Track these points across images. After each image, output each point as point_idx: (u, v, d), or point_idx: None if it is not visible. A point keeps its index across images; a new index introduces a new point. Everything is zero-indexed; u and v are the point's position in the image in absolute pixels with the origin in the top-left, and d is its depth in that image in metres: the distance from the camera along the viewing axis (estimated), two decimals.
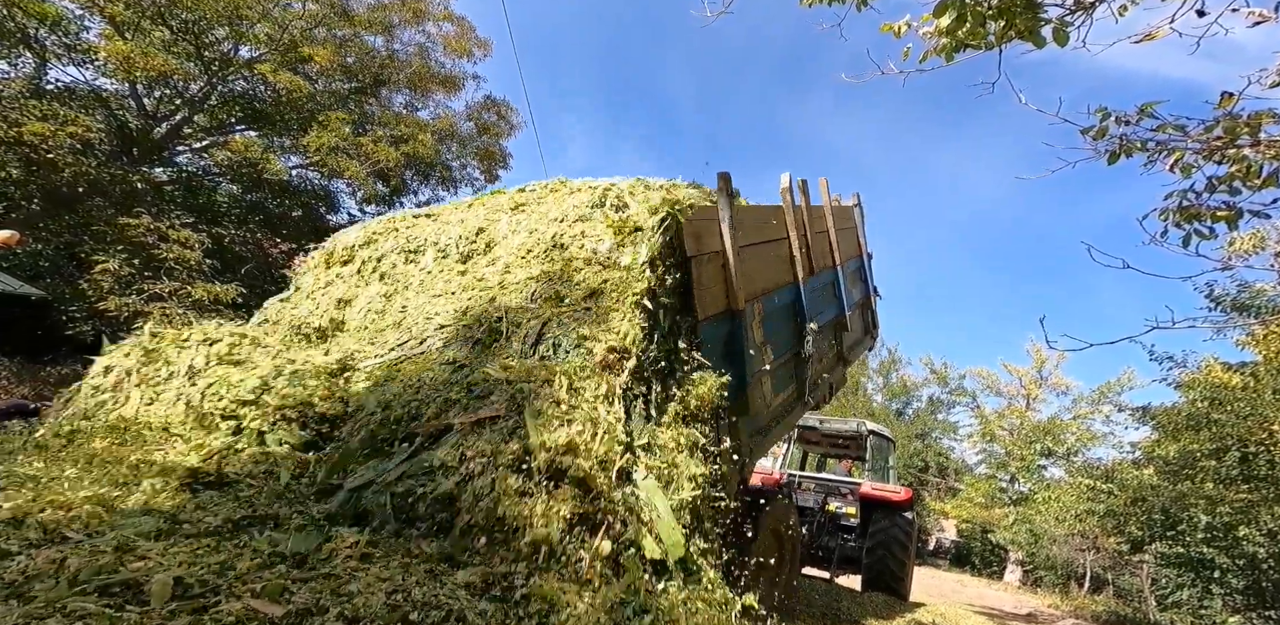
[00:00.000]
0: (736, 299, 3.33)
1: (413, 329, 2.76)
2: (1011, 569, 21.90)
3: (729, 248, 3.26)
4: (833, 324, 5.10)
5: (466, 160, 18.13)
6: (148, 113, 12.24)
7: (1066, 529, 14.73)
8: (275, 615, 1.06)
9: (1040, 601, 15.20)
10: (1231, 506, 7.20)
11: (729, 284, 3.31)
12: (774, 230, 4.03)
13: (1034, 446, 19.42)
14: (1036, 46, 3.86)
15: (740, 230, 3.35)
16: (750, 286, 3.52)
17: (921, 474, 30.56)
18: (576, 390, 2.07)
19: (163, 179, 12.39)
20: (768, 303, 3.85)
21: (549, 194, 3.93)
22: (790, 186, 4.23)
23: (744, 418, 3.40)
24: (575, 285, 2.77)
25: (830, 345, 5.18)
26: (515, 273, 3.05)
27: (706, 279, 3.15)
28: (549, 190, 4.01)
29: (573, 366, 2.16)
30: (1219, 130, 3.73)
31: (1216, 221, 3.85)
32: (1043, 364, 26.46)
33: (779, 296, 4.05)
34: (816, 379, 4.73)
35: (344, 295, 3.52)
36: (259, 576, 1.21)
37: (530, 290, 2.80)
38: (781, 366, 4.10)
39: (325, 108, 13.88)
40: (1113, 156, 4.15)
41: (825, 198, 5.04)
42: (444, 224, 3.86)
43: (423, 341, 2.57)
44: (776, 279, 4.04)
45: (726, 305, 3.33)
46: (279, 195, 13.59)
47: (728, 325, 3.34)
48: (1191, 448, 8.33)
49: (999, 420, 26.66)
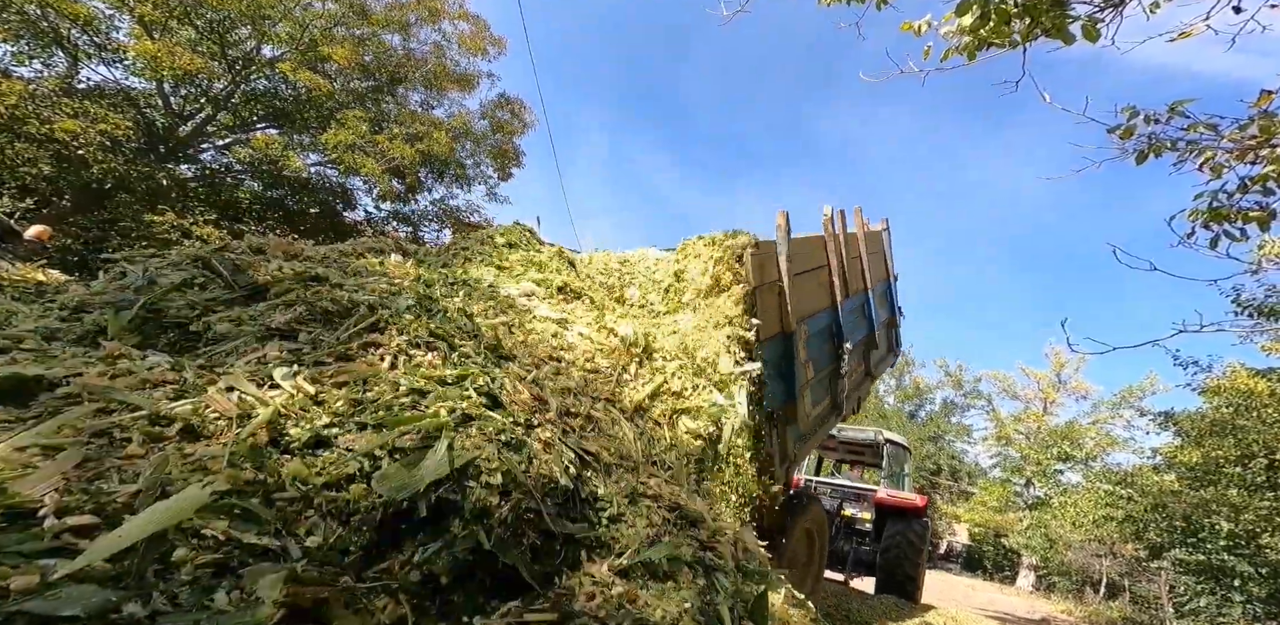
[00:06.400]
0: (789, 322, 3.80)
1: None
2: (1024, 574, 21.64)
3: (785, 277, 3.73)
4: (863, 342, 5.50)
5: (480, 158, 18.24)
6: (174, 111, 12.48)
7: (1083, 534, 14.51)
8: None
9: (1053, 607, 14.99)
10: (1256, 514, 7.05)
11: (783, 309, 3.78)
12: (817, 259, 4.50)
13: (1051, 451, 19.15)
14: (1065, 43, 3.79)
15: (792, 261, 3.83)
16: (799, 310, 3.98)
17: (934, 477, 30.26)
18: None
19: (187, 176, 12.63)
20: (812, 324, 4.32)
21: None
22: (831, 218, 4.77)
23: (791, 426, 3.85)
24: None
25: (860, 362, 5.55)
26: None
27: (766, 305, 3.61)
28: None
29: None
30: (1254, 129, 3.65)
31: (1248, 222, 3.76)
32: (1062, 368, 26.10)
33: (821, 318, 4.54)
34: (848, 393, 5.15)
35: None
36: None
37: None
38: (820, 381, 4.56)
39: (343, 106, 14.05)
40: (1141, 156, 4.07)
41: (859, 225, 5.43)
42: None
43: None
44: (818, 303, 4.51)
45: (781, 328, 3.79)
46: (298, 192, 13.80)
47: (781, 345, 3.80)
48: (1215, 454, 8.16)
49: (1015, 424, 26.30)
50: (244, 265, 1.58)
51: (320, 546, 0.94)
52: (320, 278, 1.71)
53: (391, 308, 1.72)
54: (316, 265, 1.82)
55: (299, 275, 1.67)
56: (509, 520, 1.39)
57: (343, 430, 1.17)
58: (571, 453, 1.78)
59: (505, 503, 1.39)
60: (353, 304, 1.61)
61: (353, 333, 1.47)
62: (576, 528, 1.65)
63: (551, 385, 2.12)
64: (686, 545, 1.84)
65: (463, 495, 1.24)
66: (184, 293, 1.39)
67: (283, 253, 1.87)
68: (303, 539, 0.93)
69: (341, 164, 13.43)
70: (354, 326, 1.49)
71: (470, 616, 1.29)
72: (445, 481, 1.21)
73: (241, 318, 1.39)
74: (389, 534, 1.22)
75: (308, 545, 0.91)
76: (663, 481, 2.11)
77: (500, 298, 2.55)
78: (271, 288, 1.56)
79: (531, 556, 1.53)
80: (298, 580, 0.81)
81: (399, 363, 1.49)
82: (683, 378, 2.89)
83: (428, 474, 1.18)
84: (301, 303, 1.51)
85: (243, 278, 1.51)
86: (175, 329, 1.32)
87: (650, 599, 1.57)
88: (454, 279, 2.50)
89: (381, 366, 1.43)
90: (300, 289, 1.60)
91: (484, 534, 1.29)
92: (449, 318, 1.98)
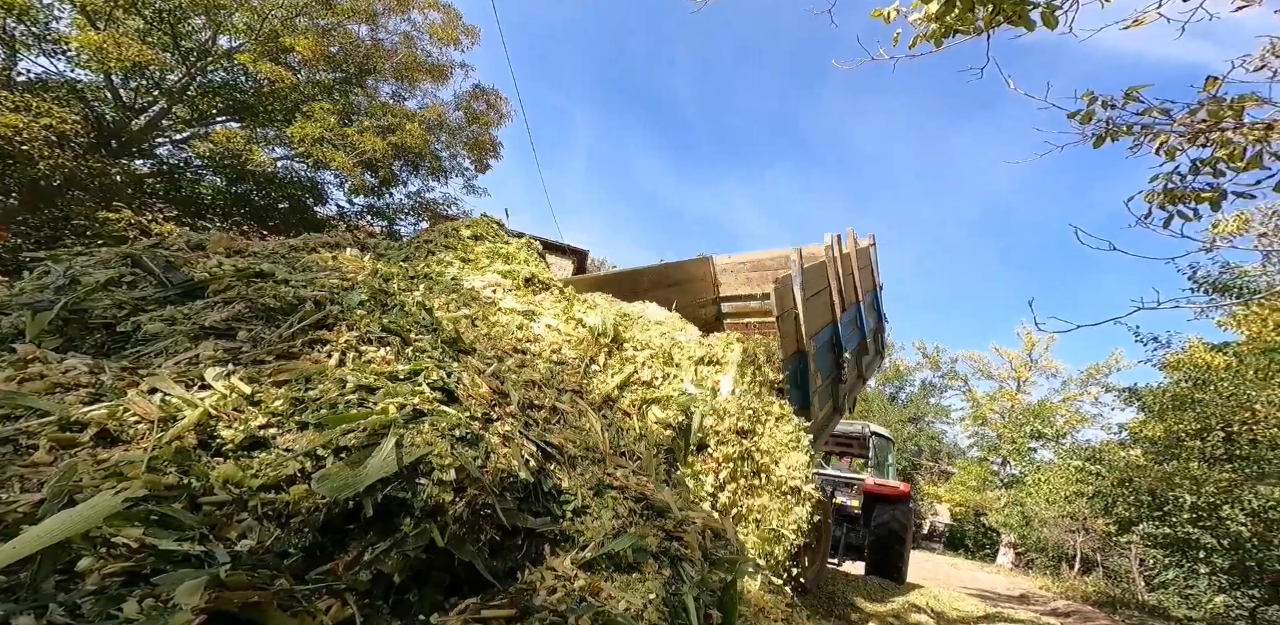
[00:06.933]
0: (804, 341, 4.47)
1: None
2: (1004, 552, 22.32)
3: (800, 306, 4.39)
4: (857, 349, 6.20)
5: (457, 150, 17.93)
6: (125, 104, 11.96)
7: (1056, 511, 15.00)
8: None
9: (1032, 583, 15.49)
10: (1216, 486, 7.36)
11: (799, 329, 4.41)
12: (821, 282, 5.12)
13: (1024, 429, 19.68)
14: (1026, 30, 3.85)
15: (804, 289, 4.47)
16: (809, 329, 4.62)
17: (915, 458, 30.97)
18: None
19: (144, 171, 12.15)
20: (819, 339, 4.97)
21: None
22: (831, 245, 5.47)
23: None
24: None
25: (854, 367, 6.23)
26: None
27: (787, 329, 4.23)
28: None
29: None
30: (1203, 114, 3.75)
31: (1200, 203, 3.89)
32: (1033, 347, 26.78)
33: (825, 333, 5.19)
34: (847, 395, 5.89)
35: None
36: None
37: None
38: (826, 387, 5.24)
39: (310, 98, 13.62)
40: (1098, 140, 4.18)
41: (851, 244, 6.08)
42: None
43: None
44: (823, 320, 5.14)
45: (799, 346, 4.44)
46: (264, 187, 13.39)
47: (798, 362, 4.45)
48: (1177, 428, 8.49)
49: (990, 403, 26.99)
50: (178, 262, 1.51)
51: (254, 550, 0.91)
52: (265, 274, 1.64)
53: (342, 303, 1.66)
54: (261, 261, 1.76)
55: (241, 272, 1.60)
56: (464, 517, 1.36)
57: (282, 430, 1.13)
58: (533, 446, 1.75)
59: (460, 499, 1.36)
60: (299, 300, 1.55)
61: (297, 329, 1.42)
62: (538, 522, 1.64)
63: (515, 378, 2.09)
64: (652, 535, 1.83)
65: (413, 493, 1.21)
66: (110, 292, 1.33)
67: (224, 248, 1.80)
68: (233, 543, 0.89)
69: (310, 158, 13.07)
70: (298, 323, 1.44)
71: (427, 614, 1.27)
72: (394, 479, 1.18)
73: (176, 317, 1.33)
74: (337, 535, 1.19)
75: (237, 549, 0.87)
76: (630, 472, 2.10)
77: (464, 291, 2.50)
78: (210, 285, 1.49)
79: (491, 552, 1.51)
80: (221, 585, 0.77)
81: (347, 359, 1.44)
82: (653, 367, 2.88)
83: (373, 472, 1.15)
84: (242, 300, 1.45)
85: (177, 275, 1.45)
86: (102, 330, 1.26)
87: (614, 591, 1.56)
88: (414, 273, 2.44)
89: (328, 363, 1.39)
90: (242, 286, 1.54)
91: (438, 532, 1.27)
92: (406, 312, 1.93)
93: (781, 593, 2.84)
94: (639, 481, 2.05)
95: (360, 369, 1.41)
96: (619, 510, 1.87)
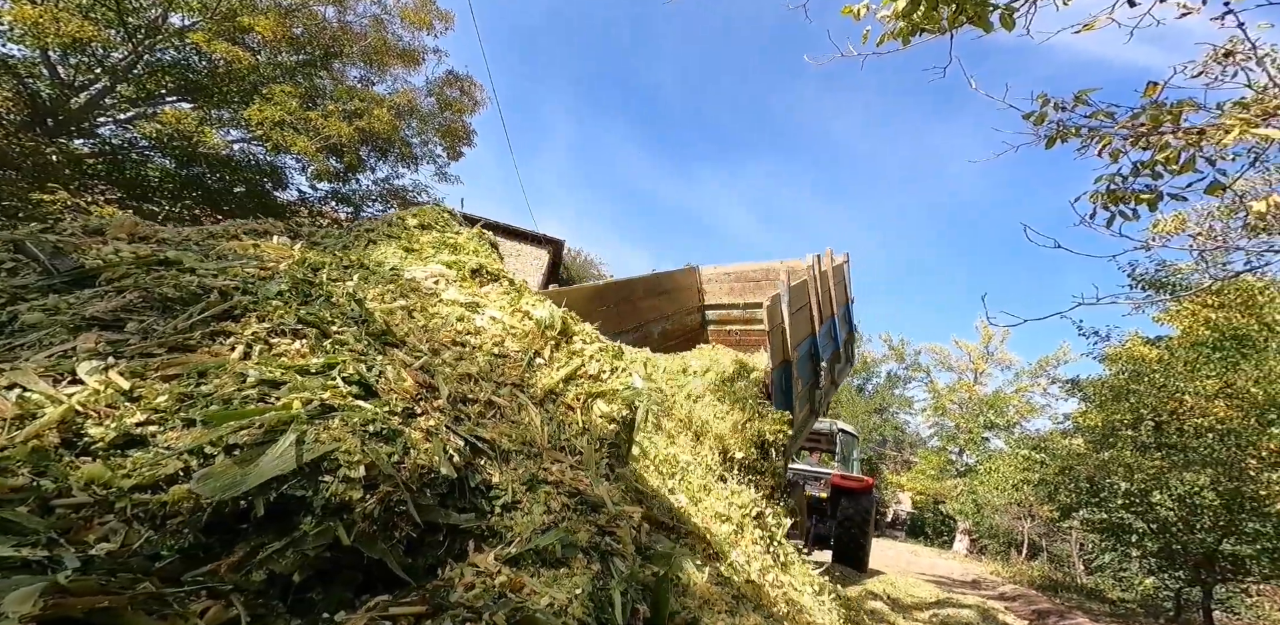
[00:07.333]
0: (789, 352, 5.04)
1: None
2: (960, 538, 23.19)
3: (786, 321, 4.91)
4: (832, 357, 6.83)
5: (428, 136, 17.51)
6: (63, 81, 11.26)
7: (1006, 498, 15.65)
8: None
9: (984, 568, 16.13)
10: (1146, 473, 7.78)
11: (785, 342, 4.92)
12: (803, 299, 5.66)
13: (979, 419, 20.42)
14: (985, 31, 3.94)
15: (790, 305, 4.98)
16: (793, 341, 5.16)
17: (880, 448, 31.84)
18: None
19: (84, 151, 11.49)
20: (800, 350, 5.51)
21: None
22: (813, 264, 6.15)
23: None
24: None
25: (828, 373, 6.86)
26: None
27: (776, 343, 4.74)
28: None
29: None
30: (1145, 118, 3.90)
31: (1140, 204, 4.05)
32: (990, 340, 27.76)
33: (805, 344, 5.73)
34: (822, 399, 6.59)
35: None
36: None
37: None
38: (806, 393, 5.82)
39: (270, 80, 13.06)
40: (1050, 141, 4.31)
41: (829, 262, 6.77)
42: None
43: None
44: (805, 332, 5.69)
45: (785, 357, 4.98)
46: (219, 170, 12.82)
47: (784, 371, 5.00)
48: (1114, 418, 8.95)
49: (950, 394, 27.91)
50: (69, 248, 1.41)
51: (115, 553, 0.86)
52: (169, 262, 1.56)
53: (256, 293, 1.59)
54: (169, 248, 1.66)
55: (141, 259, 1.51)
56: (375, 514, 1.32)
57: (164, 428, 1.07)
58: (460, 441, 1.72)
59: (371, 496, 1.32)
60: (204, 290, 1.47)
61: (196, 321, 1.34)
62: (463, 518, 1.60)
63: (449, 372, 2.04)
64: (584, 530, 1.82)
65: (314, 491, 1.17)
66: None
67: (127, 234, 1.69)
68: (91, 547, 0.84)
69: (269, 141, 12.55)
70: (199, 314, 1.37)
71: (332, 613, 1.23)
72: (290, 477, 1.13)
73: (59, 307, 1.24)
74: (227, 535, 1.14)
75: (93, 553, 0.82)
76: (567, 467, 2.08)
77: (402, 281, 2.43)
78: (102, 273, 1.40)
79: (410, 550, 1.47)
80: (63, 591, 0.73)
81: (254, 352, 1.38)
82: (601, 360, 2.86)
83: (267, 470, 1.10)
84: (137, 289, 1.37)
85: (65, 262, 1.36)
86: None
87: (539, 586, 1.54)
88: (349, 262, 2.35)
89: (230, 356, 1.32)
90: (140, 274, 1.45)
91: (343, 530, 1.23)
92: (333, 303, 1.86)
93: (728, 585, 2.89)
94: (575, 476, 2.04)
95: (267, 363, 1.35)
96: (551, 505, 1.85)
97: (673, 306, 7.90)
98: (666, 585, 1.97)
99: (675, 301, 7.95)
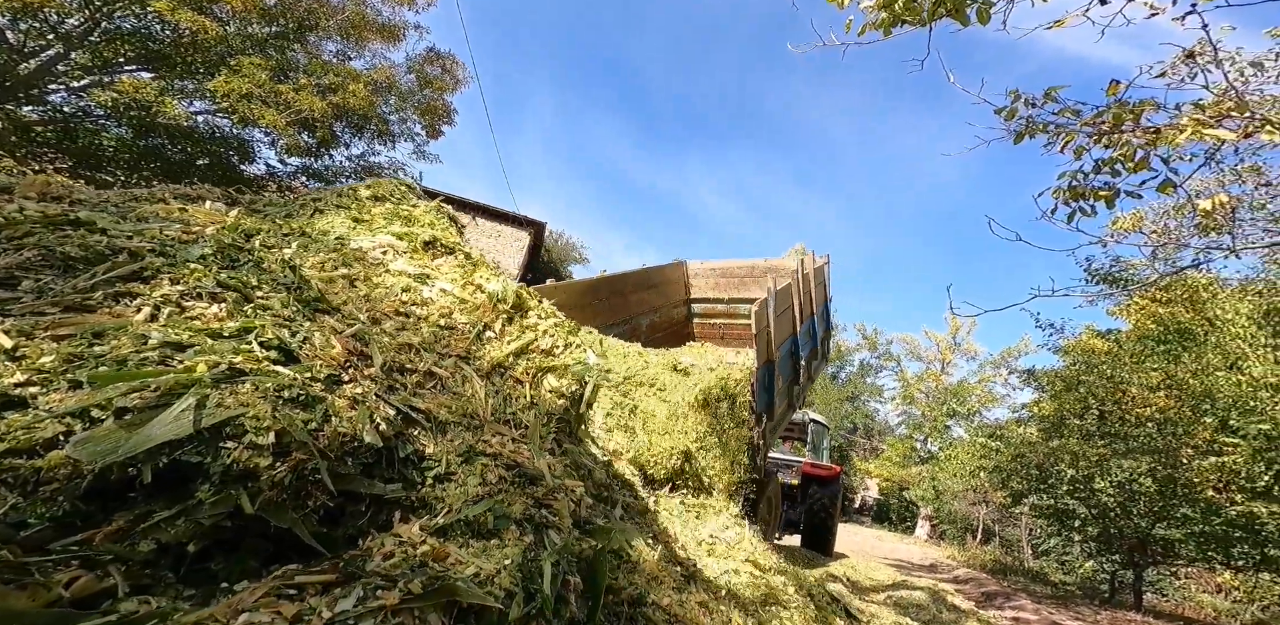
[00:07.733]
0: (773, 352, 5.33)
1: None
2: (921, 524, 23.95)
3: (771, 322, 5.21)
4: (809, 354, 7.10)
5: (407, 114, 17.04)
6: (12, 46, 10.63)
7: (963, 485, 16.20)
8: None
9: (942, 553, 16.73)
10: (1090, 460, 8.13)
11: (769, 343, 5.22)
12: (787, 301, 5.98)
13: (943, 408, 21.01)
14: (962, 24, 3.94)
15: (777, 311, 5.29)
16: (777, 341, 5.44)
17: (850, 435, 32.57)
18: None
19: (32, 118, 10.90)
20: (783, 349, 5.77)
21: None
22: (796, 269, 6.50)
23: (769, 422, 5.41)
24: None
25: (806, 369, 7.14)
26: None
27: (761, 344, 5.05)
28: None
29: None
30: (1108, 116, 3.96)
31: (1098, 200, 4.14)
32: (957, 331, 28.42)
33: (787, 343, 6.03)
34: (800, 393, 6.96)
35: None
36: None
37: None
38: (786, 388, 6.11)
39: (239, 51, 12.51)
40: (1018, 137, 4.36)
41: (810, 264, 7.08)
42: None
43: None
44: (787, 332, 5.97)
45: (768, 356, 5.24)
46: (180, 141, 12.30)
47: (767, 369, 5.28)
48: (1064, 408, 9.31)
49: (918, 384, 28.58)
50: None
51: None
52: (80, 222, 1.48)
53: (175, 256, 1.52)
54: (82, 208, 1.58)
55: (49, 217, 1.43)
56: (286, 482, 1.29)
57: (48, 389, 1.02)
58: (391, 410, 1.69)
59: (282, 464, 1.29)
60: (113, 250, 1.40)
61: (100, 281, 1.28)
62: (388, 488, 1.58)
63: (388, 341, 2.00)
64: (519, 502, 1.81)
65: (212, 457, 1.13)
66: None
67: (37, 193, 1.61)
68: None
69: (235, 114, 12.07)
70: (103, 274, 1.30)
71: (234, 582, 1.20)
72: (185, 443, 1.10)
73: None
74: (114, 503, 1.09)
75: None
76: (509, 439, 2.06)
77: (346, 251, 2.36)
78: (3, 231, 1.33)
79: (328, 520, 1.45)
80: None
81: (162, 315, 1.32)
82: (556, 336, 2.84)
83: (158, 435, 1.06)
84: (37, 247, 1.30)
85: None
86: None
87: (466, 556, 1.53)
88: (289, 230, 2.28)
89: (134, 318, 1.27)
90: (45, 233, 1.38)
91: (247, 498, 1.19)
92: (263, 269, 1.80)
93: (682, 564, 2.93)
94: (516, 449, 2.02)
95: (174, 325, 1.30)
96: (488, 477, 1.83)
97: (660, 300, 8.30)
98: (604, 558, 1.98)
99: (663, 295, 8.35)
